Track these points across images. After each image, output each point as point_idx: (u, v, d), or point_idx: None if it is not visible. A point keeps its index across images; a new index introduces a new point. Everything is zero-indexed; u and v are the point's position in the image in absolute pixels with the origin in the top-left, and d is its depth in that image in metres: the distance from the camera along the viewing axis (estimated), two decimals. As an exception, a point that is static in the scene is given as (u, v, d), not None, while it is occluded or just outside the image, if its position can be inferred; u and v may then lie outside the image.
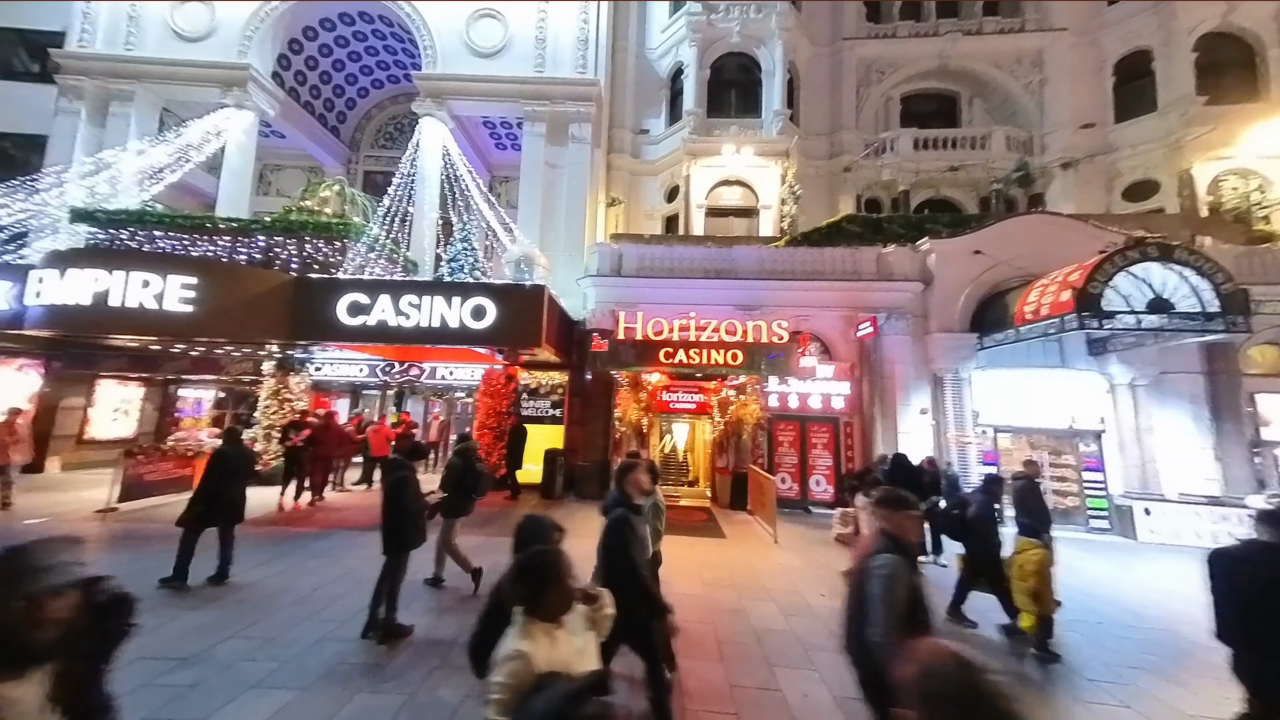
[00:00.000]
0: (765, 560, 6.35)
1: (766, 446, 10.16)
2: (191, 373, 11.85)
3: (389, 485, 4.08)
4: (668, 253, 11.24)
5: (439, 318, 8.30)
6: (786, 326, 8.19)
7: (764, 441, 10.04)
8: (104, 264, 7.25)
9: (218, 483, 5.01)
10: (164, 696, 2.99)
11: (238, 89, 12.87)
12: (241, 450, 5.48)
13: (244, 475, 5.30)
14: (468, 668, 1.90)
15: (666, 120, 14.97)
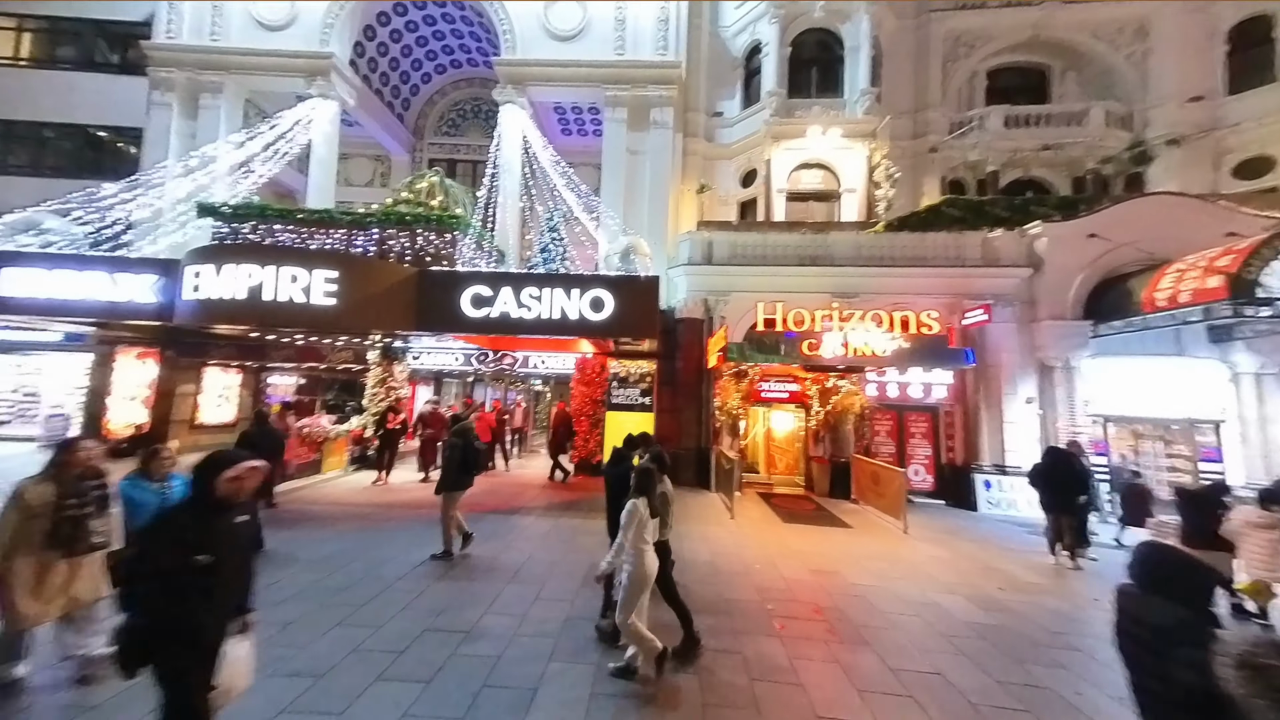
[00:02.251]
0: (912, 551, 6.53)
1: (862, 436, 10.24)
2: (295, 361, 12.37)
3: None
4: (760, 240, 11.23)
5: (559, 309, 8.50)
6: (936, 317, 8.13)
7: (864, 431, 10.11)
8: (257, 259, 7.60)
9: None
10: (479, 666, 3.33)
11: (321, 78, 13.06)
12: (269, 432, 5.89)
13: (275, 456, 5.75)
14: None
15: (741, 102, 14.71)
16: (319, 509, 7.53)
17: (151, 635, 1.93)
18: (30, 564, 2.71)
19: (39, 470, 2.94)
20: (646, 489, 3.40)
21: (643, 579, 3.23)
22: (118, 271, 8.39)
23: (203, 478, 2.10)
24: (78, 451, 2.95)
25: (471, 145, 17.99)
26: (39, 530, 2.73)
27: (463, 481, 5.56)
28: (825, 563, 5.86)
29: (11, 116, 14.55)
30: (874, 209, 12.84)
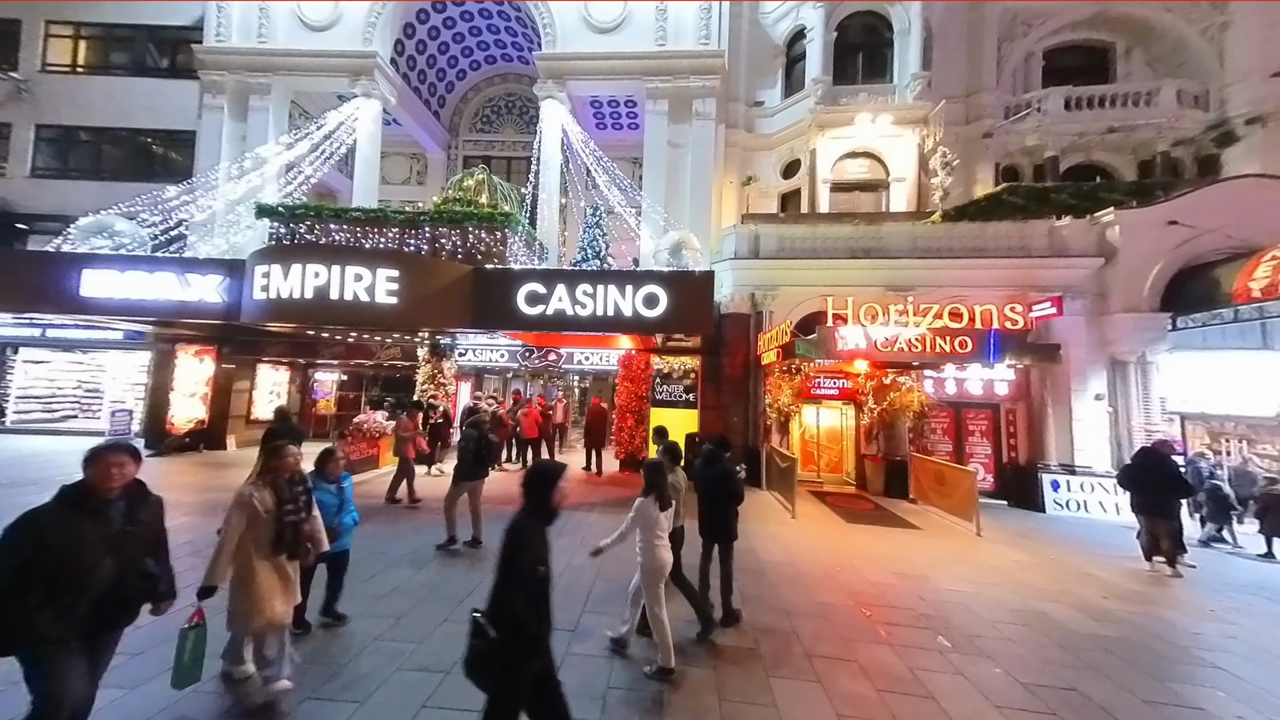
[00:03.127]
0: (992, 555, 6.31)
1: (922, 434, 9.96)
2: (345, 358, 12.64)
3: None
4: (809, 232, 10.97)
5: (613, 306, 8.45)
6: (1021, 311, 7.79)
7: (923, 429, 9.82)
8: (322, 259, 7.73)
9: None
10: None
11: (365, 78, 13.21)
12: (290, 427, 6.02)
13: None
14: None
15: (782, 91, 14.36)
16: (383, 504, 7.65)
17: (521, 645, 2.04)
18: (261, 569, 2.74)
19: (253, 475, 2.97)
20: (657, 484, 3.46)
21: (655, 571, 3.33)
22: (186, 272, 8.65)
23: (542, 492, 2.26)
24: (286, 456, 2.92)
25: (506, 141, 18.05)
26: (264, 536, 2.75)
27: (476, 472, 5.72)
28: (906, 566, 5.70)
29: (72, 122, 15.13)
30: (925, 199, 12.42)
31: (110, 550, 2.12)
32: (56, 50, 15.41)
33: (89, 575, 2.07)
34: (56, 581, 2.00)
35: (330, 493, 3.54)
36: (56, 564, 1.99)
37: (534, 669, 2.10)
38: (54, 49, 15.39)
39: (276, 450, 2.93)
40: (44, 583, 1.97)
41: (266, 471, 2.90)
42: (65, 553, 2.02)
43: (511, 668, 2.04)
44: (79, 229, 9.47)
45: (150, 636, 3.20)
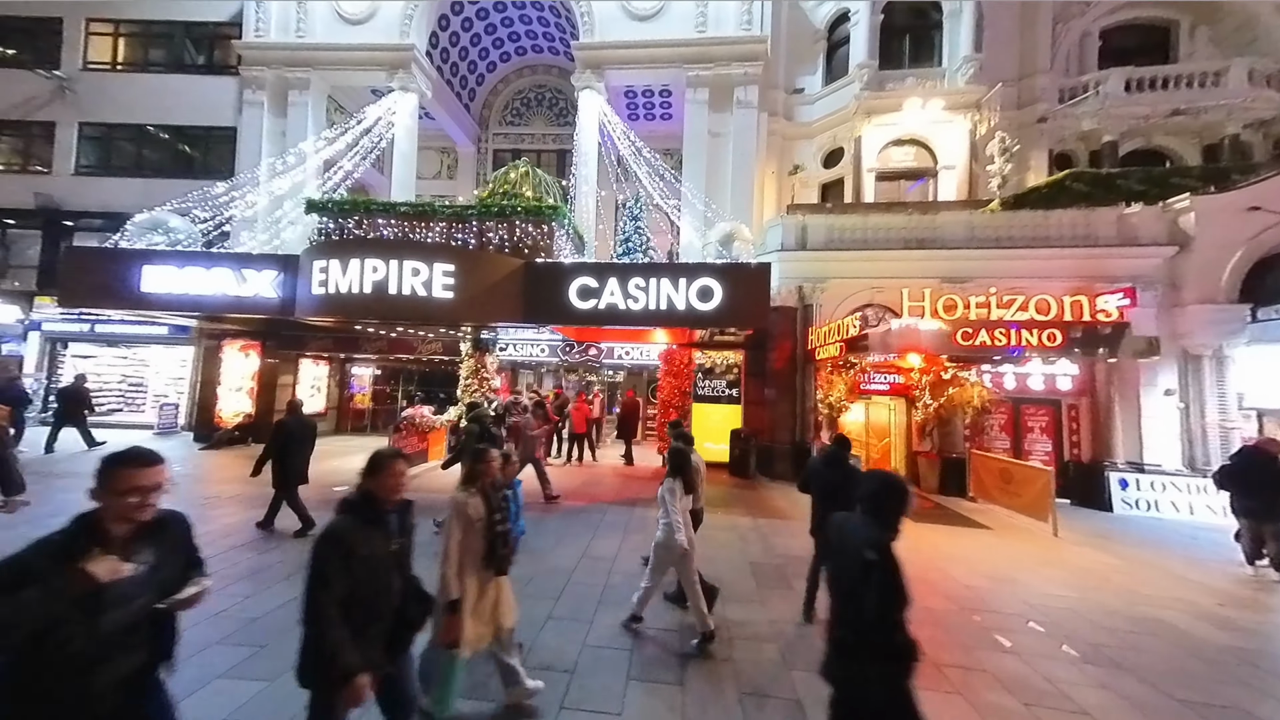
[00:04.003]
0: (1079, 557, 6.08)
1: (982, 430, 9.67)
2: (387, 353, 12.69)
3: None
4: (860, 222, 10.66)
5: (666, 300, 8.31)
6: (1122, 304, 7.44)
7: (983, 425, 9.53)
8: (380, 254, 7.71)
9: (282, 451, 5.57)
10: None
11: (402, 71, 13.15)
12: (303, 420, 6.02)
13: (306, 444, 5.87)
14: None
15: (824, 77, 13.96)
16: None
17: None
18: (474, 583, 2.56)
19: (463, 483, 2.78)
20: (682, 469, 3.72)
21: (670, 550, 3.56)
22: (243, 267, 8.69)
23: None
24: (490, 461, 2.73)
25: (535, 134, 17.90)
26: (477, 548, 2.57)
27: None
28: (993, 568, 5.51)
29: (113, 120, 15.32)
30: (976, 187, 12.01)
31: (395, 567, 1.97)
32: (97, 48, 15.59)
33: (386, 596, 1.92)
34: (358, 604, 1.81)
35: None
36: (358, 585, 1.82)
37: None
38: (94, 47, 15.57)
39: (481, 455, 2.73)
40: (346, 606, 1.78)
41: (474, 478, 2.70)
42: (366, 572, 1.85)
43: None
44: (135, 225, 9.58)
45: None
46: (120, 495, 1.54)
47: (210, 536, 5.42)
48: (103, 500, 1.56)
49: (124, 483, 1.56)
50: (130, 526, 1.57)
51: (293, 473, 5.69)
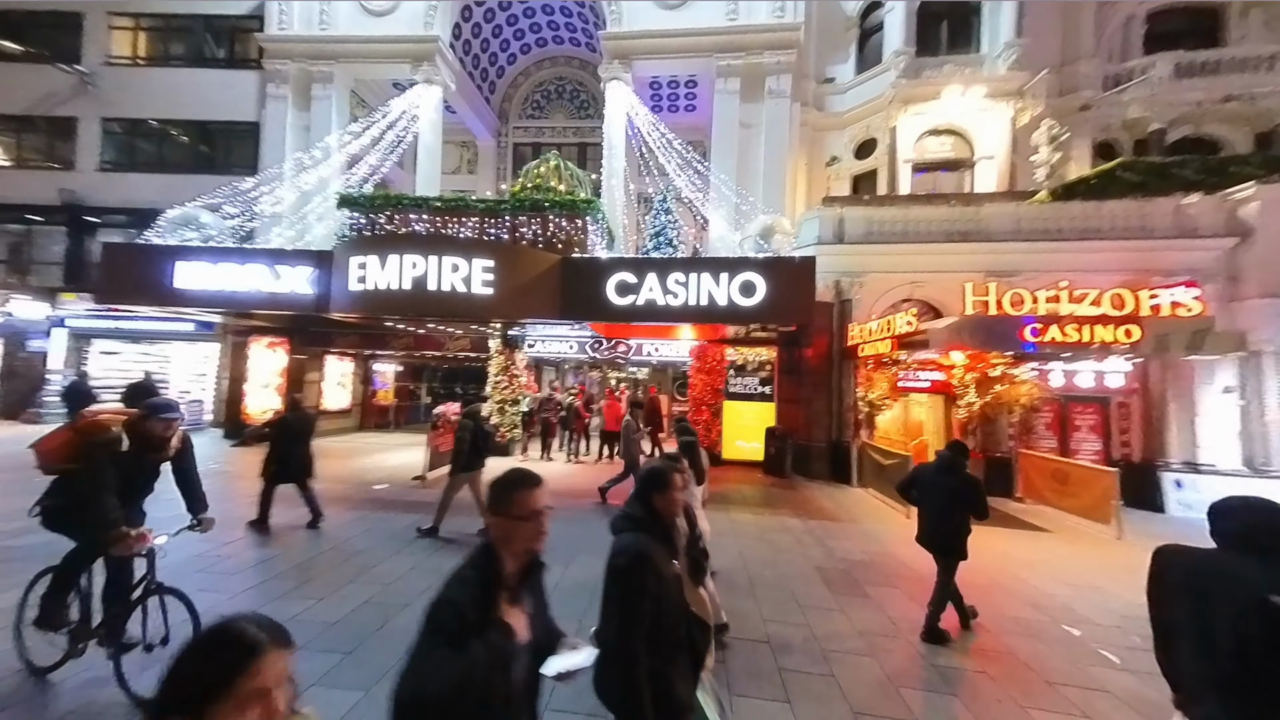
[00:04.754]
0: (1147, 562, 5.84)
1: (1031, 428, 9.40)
2: (414, 349, 12.60)
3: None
4: (900, 214, 10.37)
5: (706, 295, 8.13)
6: (1200, 297, 7.11)
7: (1032, 424, 9.26)
8: (420, 249, 7.57)
9: (285, 447, 5.61)
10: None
11: (427, 63, 12.96)
12: (302, 416, 6.03)
13: (306, 438, 5.87)
14: None
15: (855, 65, 13.61)
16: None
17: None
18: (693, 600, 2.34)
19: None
20: (694, 461, 3.76)
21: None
22: (277, 263, 8.59)
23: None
24: (683, 472, 2.50)
25: (556, 127, 17.67)
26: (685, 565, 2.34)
27: (474, 463, 5.61)
28: (1068, 573, 5.31)
29: (135, 115, 15.26)
30: (1018, 177, 11.66)
31: (681, 590, 1.75)
32: (118, 42, 15.52)
33: (683, 623, 1.69)
34: (663, 634, 1.59)
35: None
36: (663, 612, 1.59)
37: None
38: (116, 41, 15.50)
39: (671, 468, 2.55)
40: (652, 637, 1.56)
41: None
42: (671, 595, 1.64)
43: None
44: (167, 221, 9.51)
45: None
46: (525, 522, 1.31)
47: (265, 538, 5.33)
48: (505, 530, 1.32)
49: (528, 506, 1.32)
50: (521, 564, 1.34)
51: (296, 467, 5.71)
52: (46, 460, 2.82)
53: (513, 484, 1.35)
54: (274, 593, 4.02)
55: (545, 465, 10.23)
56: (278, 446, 5.63)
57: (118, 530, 2.63)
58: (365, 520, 6.06)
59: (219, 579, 4.23)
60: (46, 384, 13.84)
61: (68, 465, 2.75)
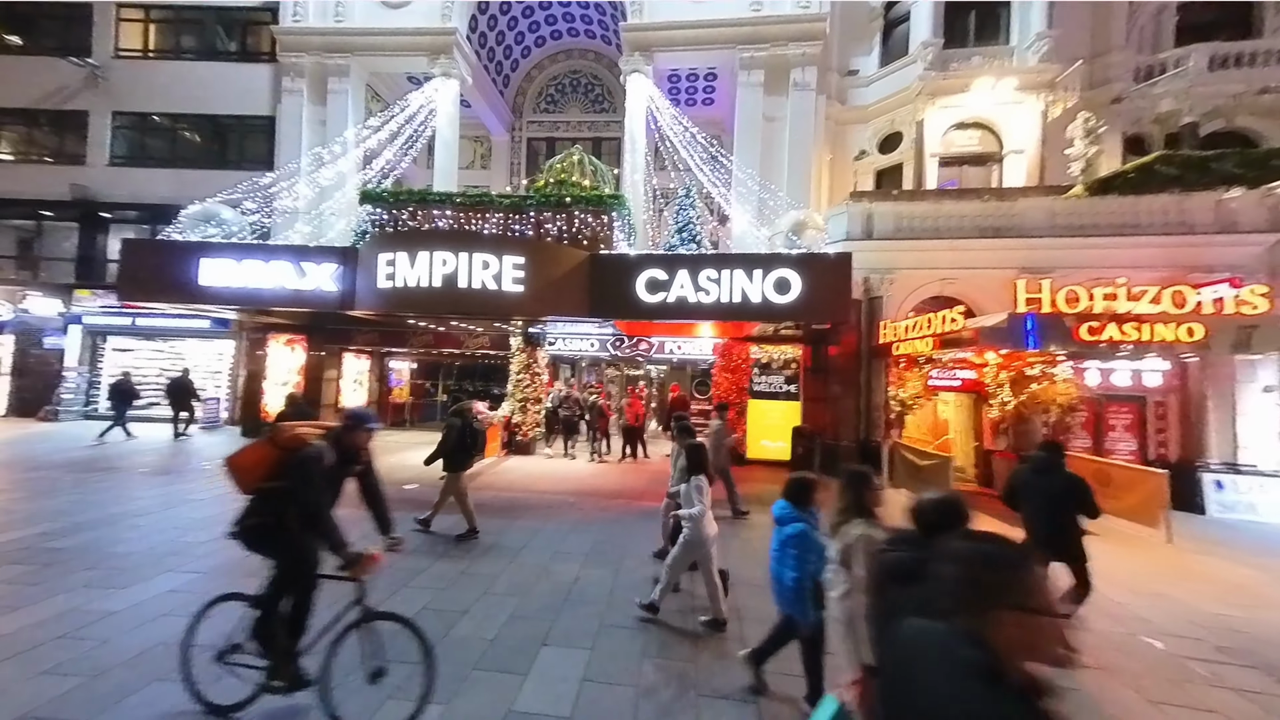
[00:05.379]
0: (1210, 568, 5.74)
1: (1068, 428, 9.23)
2: (434, 347, 12.45)
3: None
4: (931, 210, 10.18)
5: (739, 292, 7.97)
6: (1266, 292, 6.86)
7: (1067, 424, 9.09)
8: (450, 245, 7.42)
9: None
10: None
11: (444, 56, 12.75)
12: (303, 413, 5.93)
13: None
14: None
15: (880, 57, 13.34)
16: (524, 495, 7.38)
17: None
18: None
19: (849, 513, 2.34)
20: (703, 464, 3.83)
21: (701, 543, 3.65)
22: (302, 260, 8.44)
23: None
24: (879, 489, 2.39)
25: (570, 122, 17.43)
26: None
27: (463, 461, 5.56)
28: (1128, 580, 5.17)
29: (146, 109, 15.05)
30: (1049, 172, 11.44)
31: None
32: (128, 35, 15.30)
33: None
34: None
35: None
36: None
37: None
38: (125, 33, 15.28)
39: (866, 480, 2.31)
40: None
41: (864, 507, 2.22)
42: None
43: None
44: (188, 217, 9.35)
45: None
46: (1046, 620, 0.93)
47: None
48: (1022, 634, 0.92)
49: (1044, 593, 0.96)
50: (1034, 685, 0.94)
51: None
52: (248, 478, 2.58)
53: (1014, 562, 0.97)
54: (328, 596, 3.89)
55: (568, 464, 10.11)
56: None
57: (358, 551, 2.46)
58: (403, 522, 5.92)
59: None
60: (62, 382, 13.74)
61: (270, 482, 2.54)
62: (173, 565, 4.35)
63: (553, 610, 3.89)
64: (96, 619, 3.38)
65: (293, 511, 2.50)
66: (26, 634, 3.15)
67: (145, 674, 2.83)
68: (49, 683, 2.70)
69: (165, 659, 2.96)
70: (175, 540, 4.99)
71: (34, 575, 3.99)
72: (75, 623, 3.32)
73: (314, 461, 2.51)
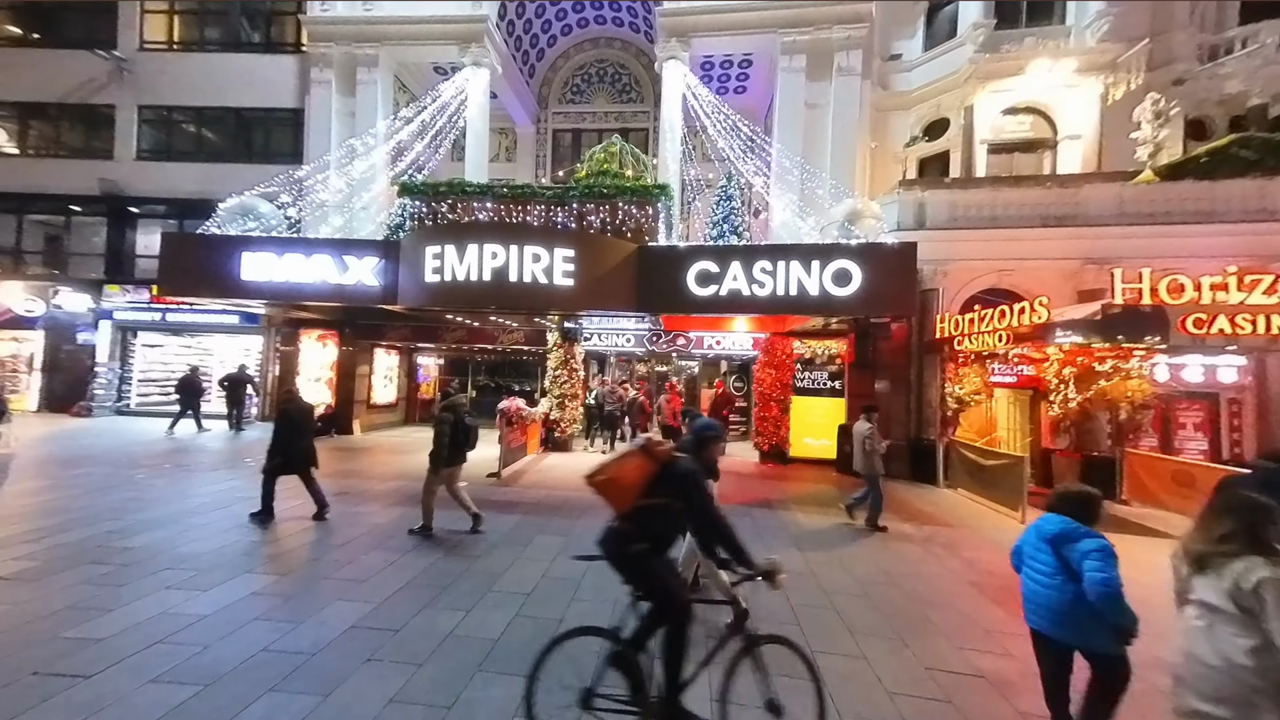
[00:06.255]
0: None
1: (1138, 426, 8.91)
2: (467, 342, 12.37)
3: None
4: (989, 198, 9.86)
5: (796, 284, 7.76)
6: None
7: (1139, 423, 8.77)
8: (500, 238, 7.27)
9: (288, 438, 5.56)
10: None
11: (476, 44, 12.59)
12: (303, 407, 5.91)
13: (308, 430, 5.84)
14: None
15: (924, 41, 12.95)
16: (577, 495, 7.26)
17: None
18: None
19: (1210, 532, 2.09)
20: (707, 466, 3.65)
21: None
22: (344, 254, 8.36)
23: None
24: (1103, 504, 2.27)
25: (596, 112, 17.20)
26: None
27: (455, 457, 5.42)
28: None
29: (171, 102, 15.08)
30: (1108, 157, 11.03)
31: None
32: (153, 27, 15.32)
33: None
34: None
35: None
36: None
37: None
38: (150, 26, 15.30)
39: (1269, 512, 1.95)
40: None
41: (1260, 539, 1.87)
42: None
43: None
44: (226, 210, 9.31)
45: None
46: None
47: (367, 539, 5.11)
48: None
49: None
50: None
51: (300, 457, 5.65)
52: (629, 495, 2.37)
53: None
54: (417, 602, 3.79)
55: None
56: (281, 438, 5.59)
57: (770, 559, 2.33)
58: (464, 522, 5.83)
59: (348, 586, 4.01)
60: (94, 377, 13.88)
61: (646, 500, 2.36)
62: (247, 566, 4.28)
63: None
64: (190, 622, 3.30)
65: (667, 530, 2.43)
66: (128, 639, 3.07)
67: (256, 683, 2.72)
68: (164, 692, 2.60)
69: (273, 667, 2.86)
70: (241, 540, 4.93)
71: (117, 576, 3.93)
72: (170, 626, 3.23)
73: (699, 474, 2.44)
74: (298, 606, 3.59)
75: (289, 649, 3.05)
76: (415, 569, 4.45)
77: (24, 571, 3.93)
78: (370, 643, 3.17)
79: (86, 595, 3.60)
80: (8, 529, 4.87)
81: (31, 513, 5.40)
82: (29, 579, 3.82)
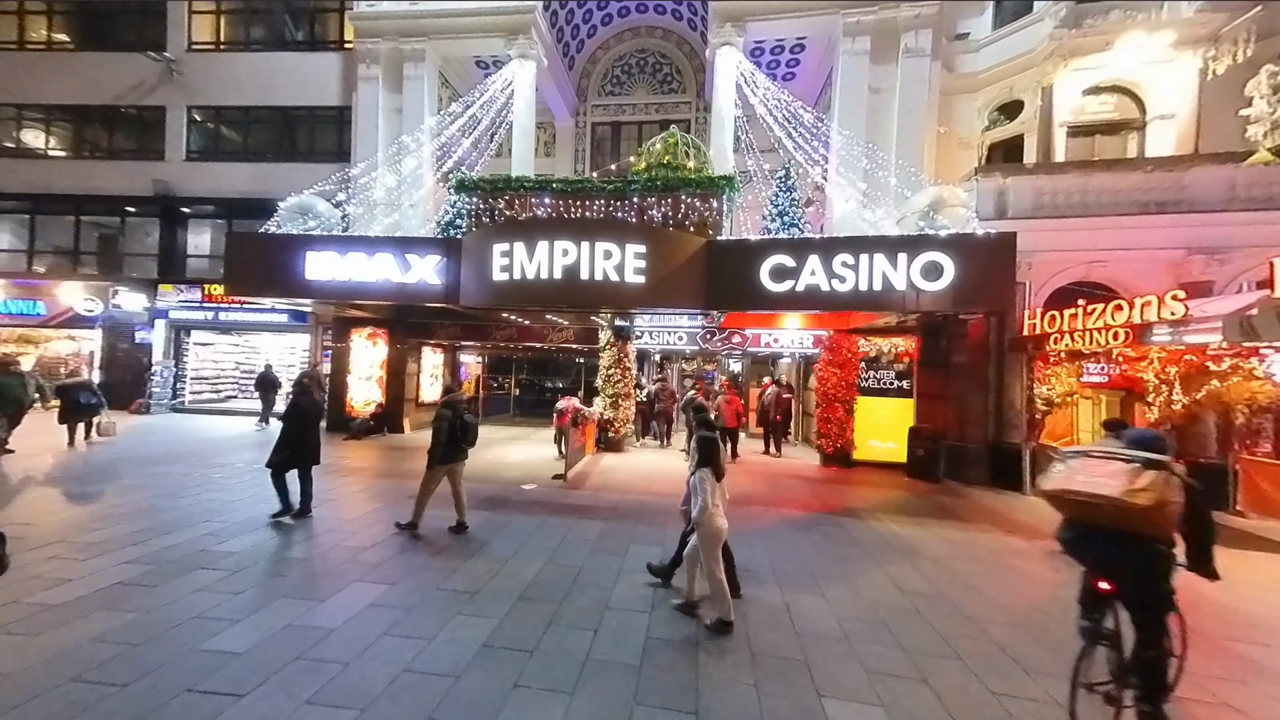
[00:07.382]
0: None
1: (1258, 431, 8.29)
2: (517, 340, 12.32)
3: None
4: (1079, 184, 9.30)
5: (880, 278, 7.40)
6: None
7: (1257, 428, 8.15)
8: (570, 235, 7.11)
9: (299, 431, 5.56)
10: None
11: (522, 37, 12.46)
12: (314, 401, 5.80)
13: (317, 424, 5.81)
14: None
15: (993, 19, 12.30)
16: (650, 499, 7.08)
17: None
18: None
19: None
20: (712, 459, 3.75)
21: (714, 536, 3.65)
22: (406, 252, 8.33)
23: None
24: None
25: (636, 104, 16.93)
26: None
27: (452, 455, 5.35)
28: None
29: (219, 102, 15.41)
30: (1208, 138, 10.27)
31: None
32: (200, 28, 15.67)
33: None
34: None
35: None
36: None
37: None
38: (198, 26, 15.65)
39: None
40: None
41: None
42: None
43: None
44: (285, 210, 9.39)
45: None
46: None
47: (460, 544, 5.01)
48: None
49: None
50: None
51: (309, 452, 5.65)
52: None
53: None
54: (539, 616, 3.65)
55: (671, 463, 9.77)
56: (290, 433, 5.56)
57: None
58: (548, 527, 5.71)
59: (463, 600, 3.89)
60: (151, 375, 14.34)
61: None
62: (356, 575, 4.21)
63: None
64: (320, 637, 3.21)
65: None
66: (265, 654, 3.00)
67: (413, 709, 2.60)
68: (324, 717, 2.49)
69: (422, 690, 2.74)
70: (338, 545, 4.88)
71: (230, 583, 3.90)
72: (302, 641, 3.15)
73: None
74: (421, 621, 3.49)
75: (430, 669, 2.93)
76: (521, 579, 4.32)
77: (141, 577, 3.93)
78: (512, 665, 3.03)
79: (208, 604, 3.56)
80: (114, 529, 4.94)
81: (131, 513, 5.49)
82: (148, 584, 3.82)
